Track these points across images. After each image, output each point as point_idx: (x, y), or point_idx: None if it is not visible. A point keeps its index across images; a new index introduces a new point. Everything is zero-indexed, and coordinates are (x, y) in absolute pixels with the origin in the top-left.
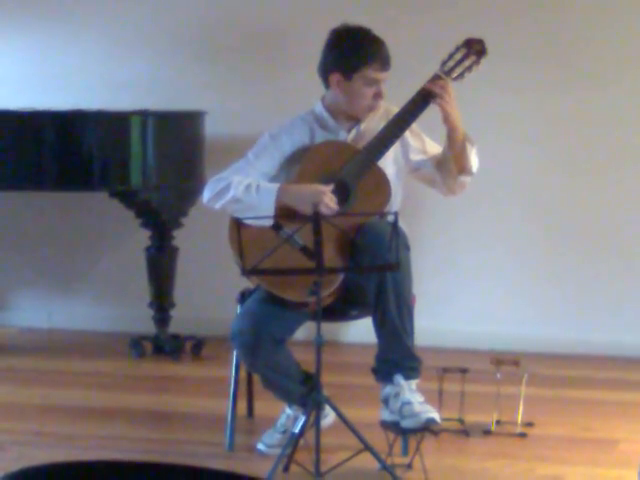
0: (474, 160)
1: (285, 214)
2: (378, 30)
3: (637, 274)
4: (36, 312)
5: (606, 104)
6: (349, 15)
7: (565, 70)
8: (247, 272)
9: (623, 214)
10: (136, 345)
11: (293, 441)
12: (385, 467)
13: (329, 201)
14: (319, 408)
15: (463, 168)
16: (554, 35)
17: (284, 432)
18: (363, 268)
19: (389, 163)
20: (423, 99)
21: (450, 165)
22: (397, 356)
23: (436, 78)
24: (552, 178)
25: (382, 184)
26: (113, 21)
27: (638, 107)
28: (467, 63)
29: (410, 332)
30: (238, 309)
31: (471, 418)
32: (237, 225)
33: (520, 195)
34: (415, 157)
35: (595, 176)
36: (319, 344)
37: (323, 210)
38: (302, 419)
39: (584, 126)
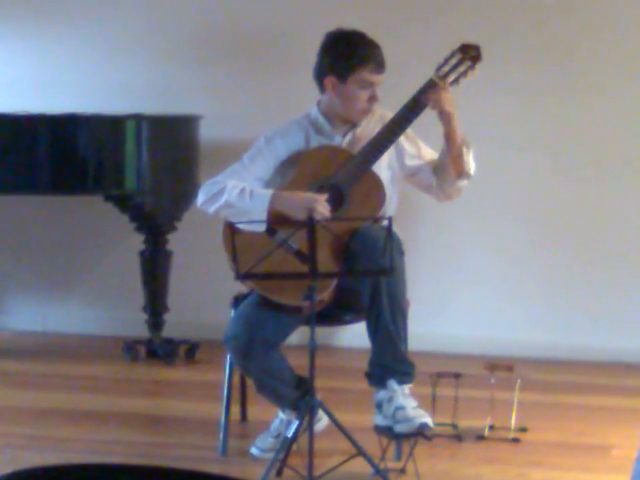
0: (471, 163)
1: (279, 219)
2: (373, 34)
3: (633, 280)
4: (30, 316)
5: (605, 109)
6: (344, 19)
7: (563, 75)
8: (241, 276)
9: (620, 220)
10: (130, 349)
11: (286, 445)
12: (378, 472)
13: (322, 209)
14: (312, 412)
15: (461, 171)
16: (554, 39)
17: (277, 436)
18: (357, 273)
19: (383, 168)
20: (417, 105)
21: (448, 169)
22: (391, 361)
23: (431, 83)
24: (548, 184)
25: (376, 189)
26: (109, 25)
27: (637, 112)
28: (462, 68)
29: (404, 337)
30: (232, 313)
31: (464, 423)
32: (231, 229)
33: (515, 201)
34: (410, 162)
35: (592, 182)
36: (313, 348)
37: (317, 218)
38: (295, 423)
39: (580, 131)
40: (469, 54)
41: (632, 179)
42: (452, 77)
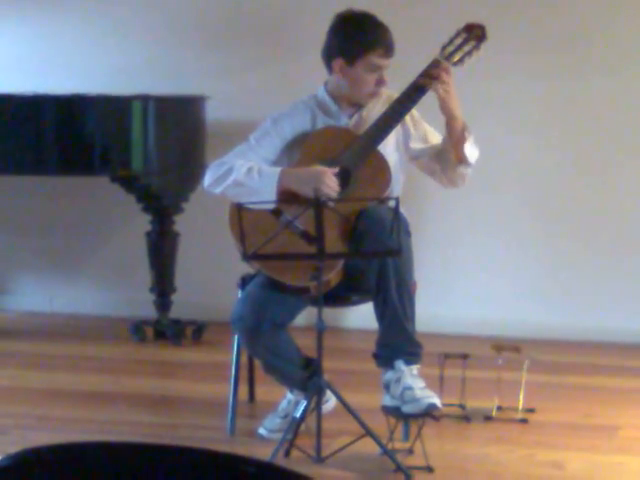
0: (471, 150)
1: (286, 199)
2: (380, 14)
3: (638, 262)
4: (38, 296)
5: (615, 93)
6: None
7: (571, 57)
8: (248, 257)
9: (624, 202)
10: (137, 330)
11: (294, 426)
12: (386, 452)
13: (330, 182)
14: (320, 393)
15: (462, 157)
16: (565, 20)
17: (285, 417)
18: (364, 254)
19: (391, 150)
20: (422, 85)
21: (450, 155)
22: (398, 341)
23: (435, 63)
24: (553, 166)
25: (382, 169)
26: (115, 6)
27: None
28: (467, 48)
29: (411, 317)
30: (239, 294)
31: (472, 404)
32: (238, 210)
33: (521, 182)
34: (415, 145)
35: (595, 164)
36: (320, 329)
37: (324, 191)
38: (303, 404)
39: (585, 115)
40: (474, 34)
41: (637, 163)
42: (457, 57)
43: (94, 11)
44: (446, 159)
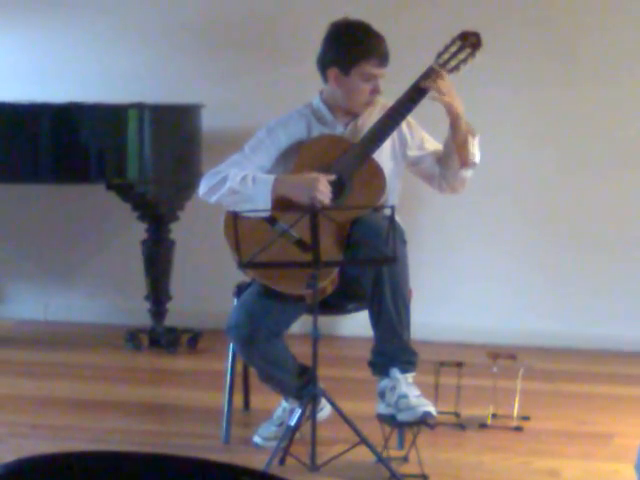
0: (476, 151)
1: (281, 206)
2: (375, 22)
3: (633, 269)
4: (32, 304)
5: (606, 100)
6: (347, 7)
7: (566, 65)
8: (243, 265)
9: (620, 209)
10: (132, 338)
11: (289, 434)
12: (381, 460)
13: (324, 188)
14: (315, 401)
15: (466, 159)
16: (556, 29)
17: (280, 425)
18: (360, 262)
19: (386, 159)
20: (417, 93)
21: (452, 158)
22: (393, 349)
23: (430, 71)
24: (549, 174)
25: (377, 176)
26: (110, 14)
27: (638, 103)
28: (462, 56)
29: (406, 326)
30: (234, 302)
31: (467, 412)
32: (233, 218)
33: (517, 191)
34: (412, 153)
35: (591, 172)
36: (316, 337)
37: (318, 197)
38: (298, 412)
39: (580, 122)
40: (469, 41)
41: (636, 169)
42: (452, 64)
43: (90, 19)
44: (448, 163)
